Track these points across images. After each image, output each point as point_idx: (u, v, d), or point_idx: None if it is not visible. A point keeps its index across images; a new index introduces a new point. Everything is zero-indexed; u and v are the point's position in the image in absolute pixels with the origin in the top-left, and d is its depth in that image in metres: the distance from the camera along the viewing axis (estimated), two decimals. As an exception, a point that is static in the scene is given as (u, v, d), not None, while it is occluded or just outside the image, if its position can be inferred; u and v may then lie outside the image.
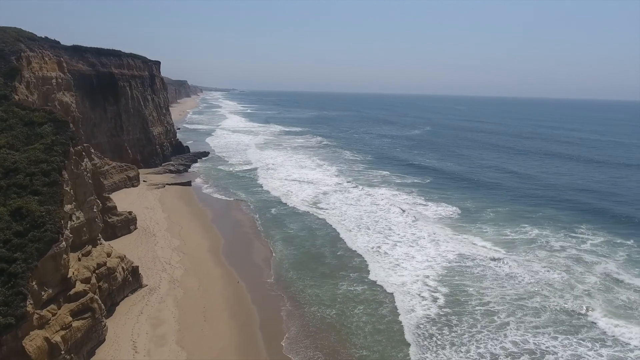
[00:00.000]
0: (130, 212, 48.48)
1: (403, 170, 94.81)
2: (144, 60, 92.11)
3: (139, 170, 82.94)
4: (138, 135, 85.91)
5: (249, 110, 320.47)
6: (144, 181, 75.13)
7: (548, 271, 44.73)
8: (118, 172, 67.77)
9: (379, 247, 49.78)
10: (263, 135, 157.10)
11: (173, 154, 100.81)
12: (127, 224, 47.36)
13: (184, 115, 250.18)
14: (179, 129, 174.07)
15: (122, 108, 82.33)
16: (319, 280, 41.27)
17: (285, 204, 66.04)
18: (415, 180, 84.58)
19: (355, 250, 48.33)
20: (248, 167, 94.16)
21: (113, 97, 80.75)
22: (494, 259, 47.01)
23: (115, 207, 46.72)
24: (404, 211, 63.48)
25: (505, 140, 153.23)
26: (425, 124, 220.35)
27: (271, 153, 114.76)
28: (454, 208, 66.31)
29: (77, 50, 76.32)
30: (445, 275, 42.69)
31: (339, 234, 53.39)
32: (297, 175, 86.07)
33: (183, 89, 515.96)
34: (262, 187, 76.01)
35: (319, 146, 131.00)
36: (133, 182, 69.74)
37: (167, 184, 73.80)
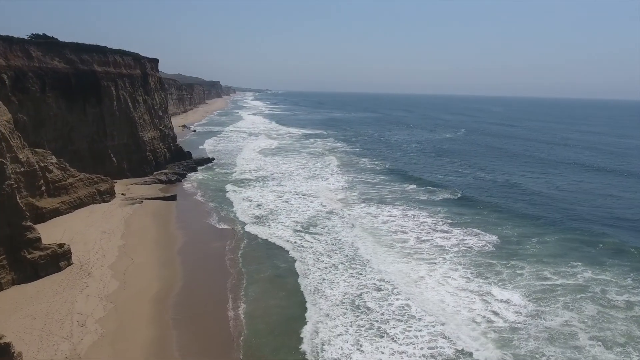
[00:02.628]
0: (61, 245, 38.45)
1: (429, 182, 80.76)
2: (136, 57, 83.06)
3: (125, 180, 74.30)
4: (125, 140, 76.80)
5: (274, 112, 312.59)
6: (122, 194, 65.74)
7: (598, 346, 31.34)
8: (86, 185, 58.44)
9: (359, 294, 37.58)
10: (280, 139, 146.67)
11: (172, 161, 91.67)
12: (56, 260, 37.34)
13: (207, 116, 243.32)
14: (194, 130, 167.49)
15: (106, 110, 73.38)
16: (296, 354, 29.72)
17: (279, 227, 54.59)
18: (446, 196, 70.64)
19: (315, 306, 35.97)
20: (252, 176, 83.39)
21: (95, 98, 71.89)
22: (523, 321, 34.22)
23: (39, 239, 36.80)
24: (417, 239, 51.24)
25: (552, 149, 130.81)
26: (458, 127, 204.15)
27: (283, 160, 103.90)
28: (490, 237, 52.83)
29: (53, 46, 67.79)
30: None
31: (320, 276, 41.47)
32: (304, 188, 74.25)
33: (214, 89, 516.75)
34: (258, 204, 64.53)
35: (338, 152, 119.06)
36: (104, 196, 60.26)
37: (147, 199, 64.03)
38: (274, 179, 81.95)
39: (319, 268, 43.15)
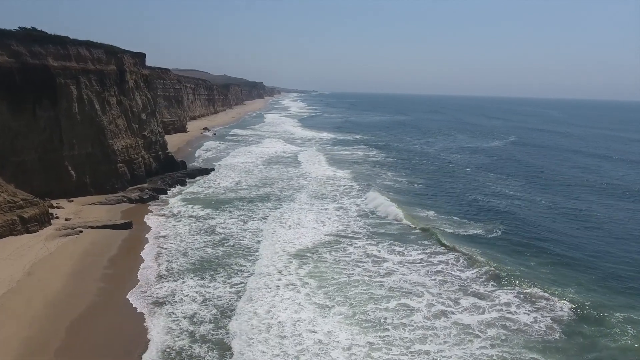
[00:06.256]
0: None
1: (469, 208, 61.98)
2: (110, 50, 69.83)
3: (85, 198, 61.70)
4: (89, 149, 63.84)
5: (306, 114, 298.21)
6: (66, 220, 52.47)
7: None
8: (4, 211, 45.24)
9: None
10: (302, 145, 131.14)
11: (160, 172, 78.55)
12: None
13: (237, 118, 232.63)
14: (214, 134, 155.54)
15: (63, 113, 60.60)
16: None
17: (235, 278, 38.95)
18: (492, 232, 51.60)
19: None
20: (249, 194, 67.89)
21: (49, 98, 59.31)
22: None
23: None
24: (430, 310, 33.19)
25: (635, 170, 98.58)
26: (506, 134, 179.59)
27: (296, 172, 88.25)
28: (560, 306, 35.02)
29: (-6, 35, 55.75)
30: None
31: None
32: (296, 218, 56.84)
33: (255, 90, 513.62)
34: (225, 237, 49.50)
35: (361, 163, 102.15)
36: (29, 225, 46.86)
37: (91, 227, 50.23)
38: (278, 199, 65.76)
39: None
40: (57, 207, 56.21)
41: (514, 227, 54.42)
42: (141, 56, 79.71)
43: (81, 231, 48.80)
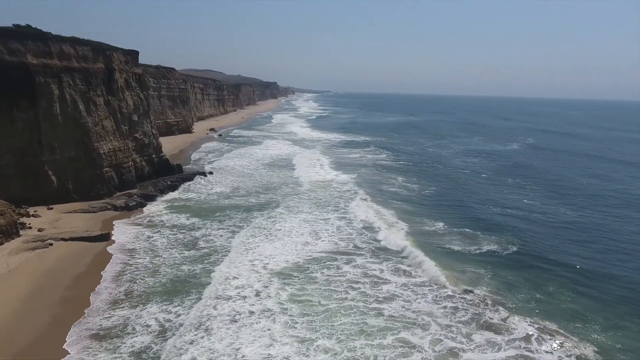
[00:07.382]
0: None
1: (477, 221, 56.56)
2: (97, 47, 65.51)
3: (67, 205, 57.50)
4: (72, 153, 59.62)
5: (321, 114, 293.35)
6: (39, 230, 48.19)
7: None
8: (-36, 222, 41.15)
9: None
10: (310, 148, 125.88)
11: (154, 176, 74.36)
12: None
13: (247, 118, 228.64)
14: (220, 135, 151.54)
15: (43, 115, 56.47)
16: None
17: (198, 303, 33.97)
18: (506, 249, 45.74)
19: None
20: (244, 202, 62.96)
21: (27, 98, 55.26)
22: None
23: None
24: (435, 347, 27.92)
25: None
26: (525, 135, 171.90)
27: (297, 176, 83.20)
28: (582, 346, 29.64)
29: (-33, 30, 51.89)
30: None
31: None
32: (288, 229, 52.13)
33: (269, 90, 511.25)
34: (210, 255, 44.61)
35: (370, 167, 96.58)
36: (-6, 237, 42.70)
37: (63, 239, 45.83)
38: (276, 207, 61.02)
39: None
40: (32, 216, 52.05)
41: (532, 243, 48.39)
42: (133, 54, 75.36)
43: (51, 244, 44.43)
